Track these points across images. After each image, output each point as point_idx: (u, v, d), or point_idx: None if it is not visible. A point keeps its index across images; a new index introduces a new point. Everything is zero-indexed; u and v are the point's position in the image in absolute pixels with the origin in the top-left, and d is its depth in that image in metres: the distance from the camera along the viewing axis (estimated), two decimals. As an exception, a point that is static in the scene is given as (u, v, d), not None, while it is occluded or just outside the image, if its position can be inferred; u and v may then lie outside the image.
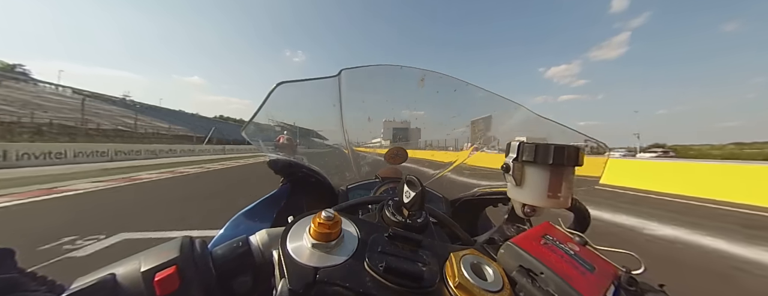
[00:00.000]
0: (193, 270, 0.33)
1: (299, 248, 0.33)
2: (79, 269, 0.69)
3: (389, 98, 1.10)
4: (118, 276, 0.31)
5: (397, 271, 0.31)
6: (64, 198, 5.48)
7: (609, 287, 0.34)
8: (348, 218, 0.38)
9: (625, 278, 0.35)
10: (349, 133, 1.03)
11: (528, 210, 0.46)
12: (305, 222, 0.36)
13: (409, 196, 0.42)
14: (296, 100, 0.85)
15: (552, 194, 0.42)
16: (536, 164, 0.43)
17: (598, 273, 0.35)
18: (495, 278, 0.33)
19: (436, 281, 0.32)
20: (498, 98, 0.93)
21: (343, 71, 0.89)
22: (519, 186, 0.45)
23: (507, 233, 0.48)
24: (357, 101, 1.01)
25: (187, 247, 0.35)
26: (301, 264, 0.31)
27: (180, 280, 0.31)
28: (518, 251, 0.35)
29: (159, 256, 0.33)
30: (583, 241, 0.41)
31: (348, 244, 0.34)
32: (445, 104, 1.04)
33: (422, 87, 0.98)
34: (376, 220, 0.45)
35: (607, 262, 0.38)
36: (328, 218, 0.33)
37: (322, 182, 0.84)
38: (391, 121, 1.15)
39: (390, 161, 1.03)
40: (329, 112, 0.98)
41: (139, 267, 0.32)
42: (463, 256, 0.35)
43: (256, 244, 0.40)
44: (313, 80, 0.82)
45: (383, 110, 1.09)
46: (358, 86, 0.98)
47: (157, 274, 0.31)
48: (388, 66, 0.97)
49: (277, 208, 0.78)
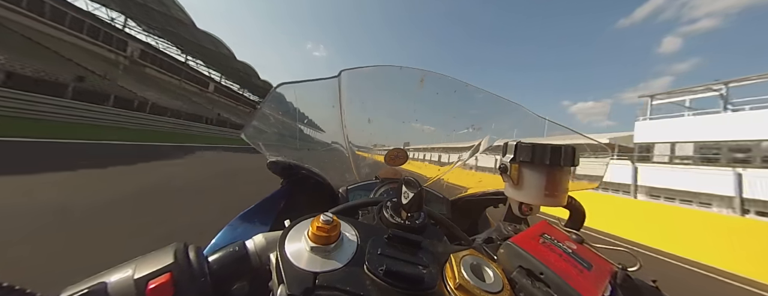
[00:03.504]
0: (188, 277, 0.32)
1: (297, 252, 0.32)
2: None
3: (389, 99, 1.10)
4: (109, 285, 0.30)
5: (397, 274, 0.30)
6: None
7: (606, 284, 0.34)
8: (347, 221, 0.38)
9: (621, 275, 0.35)
10: (349, 134, 1.03)
11: (525, 209, 0.46)
12: (303, 225, 0.36)
13: (408, 197, 0.42)
14: (296, 101, 0.85)
15: (549, 193, 0.43)
16: (533, 164, 0.43)
17: (596, 270, 0.35)
18: (495, 279, 0.33)
19: (436, 283, 0.32)
20: (498, 99, 0.93)
21: (343, 72, 0.89)
22: (516, 186, 0.46)
23: (504, 232, 0.49)
24: (357, 101, 1.01)
25: (181, 253, 0.34)
26: (299, 268, 0.30)
27: (174, 288, 0.31)
28: (518, 250, 0.35)
29: (152, 263, 0.32)
30: (580, 239, 0.41)
31: (347, 247, 0.34)
32: (445, 105, 1.05)
33: (422, 88, 0.99)
34: (375, 222, 0.45)
35: (603, 260, 0.38)
36: (327, 222, 0.32)
37: (322, 184, 0.84)
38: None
39: (390, 163, 1.03)
40: (329, 113, 0.98)
41: (132, 275, 0.31)
42: (462, 257, 0.35)
43: (252, 249, 0.39)
44: (313, 81, 0.83)
45: (383, 110, 1.09)
46: (358, 87, 0.99)
47: (150, 282, 0.30)
48: (388, 67, 0.97)
49: (277, 209, 0.78)
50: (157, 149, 9.86)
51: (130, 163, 6.39)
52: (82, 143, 7.82)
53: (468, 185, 0.98)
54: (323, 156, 1.06)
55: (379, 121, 1.05)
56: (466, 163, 1.05)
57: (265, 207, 0.77)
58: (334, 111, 0.98)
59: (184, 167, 7.32)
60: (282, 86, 0.76)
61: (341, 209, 0.54)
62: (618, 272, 0.36)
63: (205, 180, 5.82)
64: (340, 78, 0.89)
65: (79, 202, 3.23)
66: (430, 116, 1.07)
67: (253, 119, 0.71)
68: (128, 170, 5.61)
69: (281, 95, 0.78)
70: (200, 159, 9.64)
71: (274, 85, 0.76)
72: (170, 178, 5.46)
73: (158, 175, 5.62)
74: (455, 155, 1.10)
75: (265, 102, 0.74)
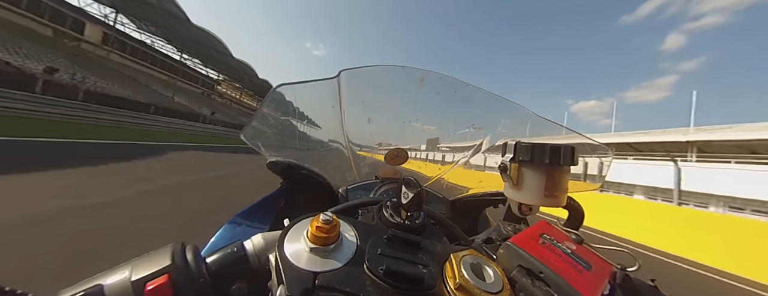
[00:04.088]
0: (186, 278, 0.32)
1: (297, 252, 0.32)
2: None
3: (389, 99, 1.10)
4: (106, 287, 0.30)
5: (397, 275, 0.30)
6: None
7: (605, 284, 0.34)
8: (346, 221, 0.38)
9: (621, 275, 0.35)
10: (349, 134, 1.03)
11: (525, 209, 0.46)
12: (302, 225, 0.36)
13: (408, 197, 0.42)
14: (296, 101, 0.85)
15: (548, 193, 0.43)
16: (533, 163, 0.43)
17: (595, 270, 0.35)
18: (495, 278, 0.33)
19: (437, 283, 0.32)
20: (498, 99, 0.93)
21: (342, 72, 0.89)
22: (516, 186, 0.46)
23: (504, 232, 0.49)
24: (357, 101, 1.01)
25: (179, 254, 0.34)
26: (299, 268, 0.30)
27: (172, 289, 0.31)
28: (518, 250, 0.35)
29: (150, 264, 0.32)
30: (579, 239, 0.41)
31: (347, 247, 0.34)
32: (446, 105, 1.05)
33: (422, 88, 0.99)
34: (375, 221, 0.45)
35: (602, 260, 0.38)
36: (327, 222, 0.32)
37: (322, 183, 0.84)
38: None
39: (390, 162, 1.03)
40: (329, 113, 0.98)
41: (129, 277, 0.31)
42: (462, 257, 0.35)
43: (251, 249, 0.39)
44: (312, 82, 0.83)
45: (383, 110, 1.10)
46: (358, 87, 0.99)
47: (148, 284, 0.30)
48: (388, 67, 0.97)
49: (276, 209, 0.78)
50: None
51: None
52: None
53: (468, 186, 0.98)
54: (323, 156, 1.06)
55: (379, 121, 1.05)
56: (468, 163, 1.06)
57: (264, 207, 0.76)
58: (333, 111, 0.98)
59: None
60: (282, 87, 0.76)
61: (341, 208, 0.54)
62: (617, 272, 0.36)
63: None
64: (340, 78, 0.89)
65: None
66: (430, 116, 1.07)
67: (252, 120, 0.71)
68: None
69: (281, 95, 0.78)
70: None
71: (276, 83, 0.76)
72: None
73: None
74: (457, 154, 1.11)
75: (264, 103, 0.74)
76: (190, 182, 5.43)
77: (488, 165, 1.02)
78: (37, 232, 2.45)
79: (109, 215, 3.10)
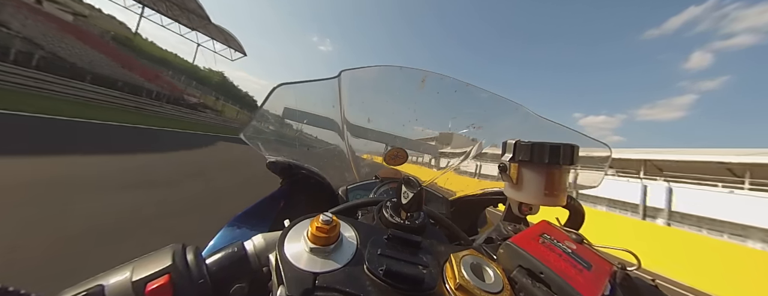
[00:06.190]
0: (186, 279, 0.32)
1: (297, 253, 0.32)
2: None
3: (389, 99, 1.10)
4: (107, 288, 0.30)
5: (397, 275, 0.30)
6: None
7: (605, 283, 0.34)
8: (346, 221, 0.38)
9: (621, 274, 0.35)
10: (349, 134, 1.03)
11: (524, 209, 0.46)
12: (302, 225, 0.36)
13: (408, 197, 0.42)
14: (296, 101, 0.85)
15: (548, 193, 0.43)
16: (532, 163, 0.43)
17: (595, 270, 0.35)
18: (495, 278, 0.33)
19: (437, 283, 0.32)
20: (499, 99, 0.93)
21: (342, 72, 0.89)
22: (516, 185, 0.46)
23: (504, 232, 0.49)
24: (357, 101, 1.01)
25: (179, 255, 0.34)
26: (299, 269, 0.30)
27: (173, 289, 0.31)
28: (518, 250, 0.35)
29: (150, 265, 0.32)
30: (579, 239, 0.41)
31: (347, 248, 0.34)
32: (446, 105, 1.04)
33: (423, 88, 0.99)
34: (375, 222, 0.45)
35: (602, 259, 0.38)
36: (327, 222, 0.32)
37: (322, 183, 0.84)
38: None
39: (390, 163, 1.03)
40: (329, 113, 0.98)
41: (130, 277, 0.31)
42: (462, 257, 0.35)
43: (251, 249, 0.39)
44: (313, 82, 0.83)
45: (383, 110, 1.09)
46: (359, 87, 0.99)
47: (148, 284, 0.30)
48: (388, 67, 0.97)
49: (276, 210, 0.78)
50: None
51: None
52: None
53: (468, 186, 0.98)
54: (323, 156, 1.06)
55: (379, 121, 1.05)
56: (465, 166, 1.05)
57: (263, 207, 0.76)
58: (334, 111, 0.98)
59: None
60: (281, 87, 0.76)
61: (341, 209, 0.54)
62: (617, 271, 0.36)
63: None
64: (340, 78, 0.89)
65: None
66: (430, 116, 1.07)
67: (252, 119, 0.71)
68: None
69: (281, 96, 0.78)
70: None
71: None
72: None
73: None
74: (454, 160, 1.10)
75: (264, 102, 0.74)
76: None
77: (487, 169, 1.02)
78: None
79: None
